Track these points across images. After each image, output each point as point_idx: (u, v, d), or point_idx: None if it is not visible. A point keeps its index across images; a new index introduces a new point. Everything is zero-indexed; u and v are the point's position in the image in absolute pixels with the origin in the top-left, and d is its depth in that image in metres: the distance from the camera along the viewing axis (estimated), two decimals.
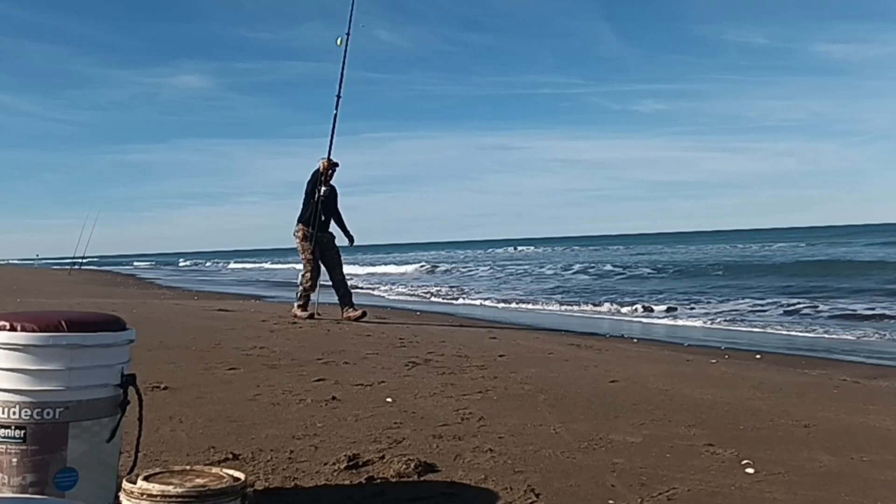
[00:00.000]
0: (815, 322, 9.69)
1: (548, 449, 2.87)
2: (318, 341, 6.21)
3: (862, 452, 2.90)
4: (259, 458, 2.66)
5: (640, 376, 4.73)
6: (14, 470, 1.75)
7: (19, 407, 1.76)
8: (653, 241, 65.38)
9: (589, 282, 19.78)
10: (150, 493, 1.73)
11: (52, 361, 1.78)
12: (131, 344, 1.97)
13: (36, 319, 1.81)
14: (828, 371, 5.52)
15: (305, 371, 4.57)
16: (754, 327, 9.27)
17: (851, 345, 7.56)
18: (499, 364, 5.09)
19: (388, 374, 4.56)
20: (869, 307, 10.83)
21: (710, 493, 2.41)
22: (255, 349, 5.46)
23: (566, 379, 4.57)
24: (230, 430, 3.06)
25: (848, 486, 2.50)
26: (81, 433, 1.80)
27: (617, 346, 6.93)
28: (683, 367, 5.35)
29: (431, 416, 3.40)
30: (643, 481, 2.50)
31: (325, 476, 2.49)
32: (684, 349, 6.92)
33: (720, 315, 10.60)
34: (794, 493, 2.42)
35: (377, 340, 6.35)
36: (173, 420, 3.20)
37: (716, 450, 2.90)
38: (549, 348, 6.20)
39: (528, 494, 2.35)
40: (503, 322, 9.87)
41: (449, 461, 2.68)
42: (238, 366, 4.68)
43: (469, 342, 6.45)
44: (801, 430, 3.27)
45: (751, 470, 2.64)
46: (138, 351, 2.03)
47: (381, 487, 2.40)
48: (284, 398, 3.73)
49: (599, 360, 5.52)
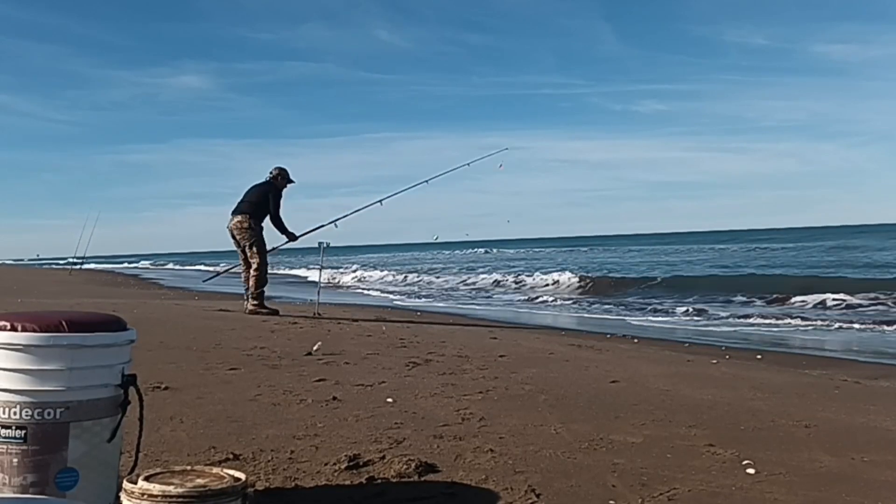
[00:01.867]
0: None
1: (548, 449, 2.87)
2: (319, 341, 6.21)
3: (863, 453, 2.90)
4: (260, 459, 2.66)
5: (641, 376, 4.73)
6: (15, 470, 1.75)
7: (20, 407, 1.75)
8: (654, 241, 65.17)
9: (466, 290, 19.13)
10: (150, 494, 1.73)
11: (52, 361, 1.78)
12: (132, 344, 1.96)
13: (37, 319, 1.81)
14: (828, 371, 5.52)
15: (306, 371, 4.57)
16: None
17: (851, 345, 7.56)
18: (499, 364, 5.09)
19: (389, 375, 4.56)
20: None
21: (711, 493, 2.41)
22: (256, 349, 5.46)
23: (567, 379, 4.57)
24: (231, 431, 3.06)
25: (849, 486, 2.50)
26: (82, 433, 1.80)
27: (617, 346, 6.93)
28: (684, 367, 5.35)
29: (432, 417, 3.40)
30: (644, 482, 2.50)
31: (325, 476, 2.49)
32: (685, 349, 6.92)
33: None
34: (795, 493, 2.42)
35: (377, 340, 6.35)
36: (174, 420, 3.20)
37: (716, 450, 2.90)
38: (549, 348, 6.20)
39: (529, 495, 2.35)
40: (504, 322, 9.88)
41: (450, 461, 2.68)
42: (239, 366, 4.68)
43: (469, 342, 6.45)
44: (801, 431, 3.27)
45: (751, 470, 2.64)
46: (139, 351, 2.03)
47: (382, 488, 2.40)
48: (285, 398, 3.73)
49: (600, 361, 5.52)
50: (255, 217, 8.62)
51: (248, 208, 8.66)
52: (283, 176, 8.85)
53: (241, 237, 8.61)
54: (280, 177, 8.83)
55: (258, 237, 8.62)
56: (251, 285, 8.58)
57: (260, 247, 8.60)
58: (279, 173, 8.83)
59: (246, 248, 8.62)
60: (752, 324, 9.70)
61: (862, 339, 8.19)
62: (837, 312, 10.84)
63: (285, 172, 8.87)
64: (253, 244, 8.56)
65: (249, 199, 8.73)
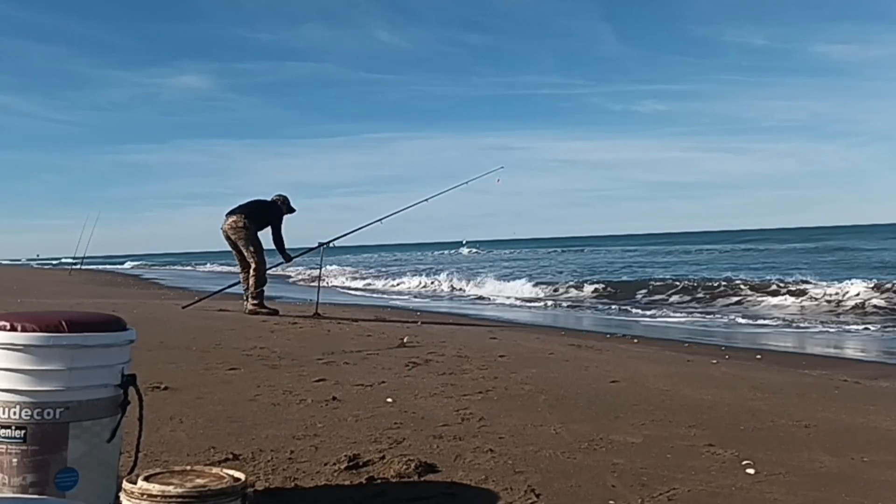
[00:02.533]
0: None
1: (548, 449, 2.87)
2: (319, 341, 6.22)
3: (863, 453, 2.90)
4: (259, 459, 2.66)
5: (641, 377, 4.73)
6: (14, 470, 1.75)
7: (20, 407, 1.75)
8: (653, 241, 65.08)
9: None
10: (150, 494, 1.73)
11: (52, 362, 1.78)
12: (132, 344, 1.96)
13: (36, 319, 1.81)
14: (828, 371, 5.52)
15: (306, 371, 4.57)
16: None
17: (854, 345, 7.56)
18: (499, 364, 5.09)
19: (389, 375, 4.55)
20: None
21: (711, 493, 2.41)
22: (256, 349, 5.46)
23: (567, 379, 4.57)
24: (230, 431, 3.06)
25: (848, 486, 2.50)
26: (82, 433, 1.80)
27: (617, 346, 6.93)
28: (684, 367, 5.35)
29: (432, 417, 3.40)
30: (644, 482, 2.50)
31: (325, 476, 2.49)
32: (685, 349, 6.92)
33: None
34: (795, 493, 2.42)
35: (377, 341, 6.35)
36: (174, 420, 3.20)
37: (716, 450, 2.90)
38: (549, 348, 6.20)
39: (529, 495, 2.35)
40: (505, 322, 9.88)
41: (449, 461, 2.68)
42: (238, 366, 4.68)
43: (469, 342, 6.45)
44: (801, 431, 3.27)
45: (751, 470, 2.64)
46: (138, 351, 2.03)
47: (382, 488, 2.40)
48: (285, 398, 3.73)
49: (600, 361, 5.52)
50: (250, 219, 8.63)
51: (244, 210, 8.68)
52: (285, 203, 8.93)
53: (237, 237, 8.60)
54: (283, 203, 8.91)
55: (254, 237, 8.62)
56: (250, 285, 8.59)
57: (257, 246, 8.60)
58: (283, 200, 8.92)
59: (242, 248, 8.61)
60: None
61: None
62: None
63: (288, 200, 8.96)
64: (249, 244, 8.57)
65: (248, 205, 8.77)
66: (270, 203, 8.88)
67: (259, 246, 8.63)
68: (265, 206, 8.81)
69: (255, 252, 8.55)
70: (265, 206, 8.81)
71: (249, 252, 8.56)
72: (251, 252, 8.55)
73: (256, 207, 8.74)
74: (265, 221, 8.72)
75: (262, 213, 8.72)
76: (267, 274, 8.73)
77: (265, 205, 8.84)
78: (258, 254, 8.58)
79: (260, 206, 8.78)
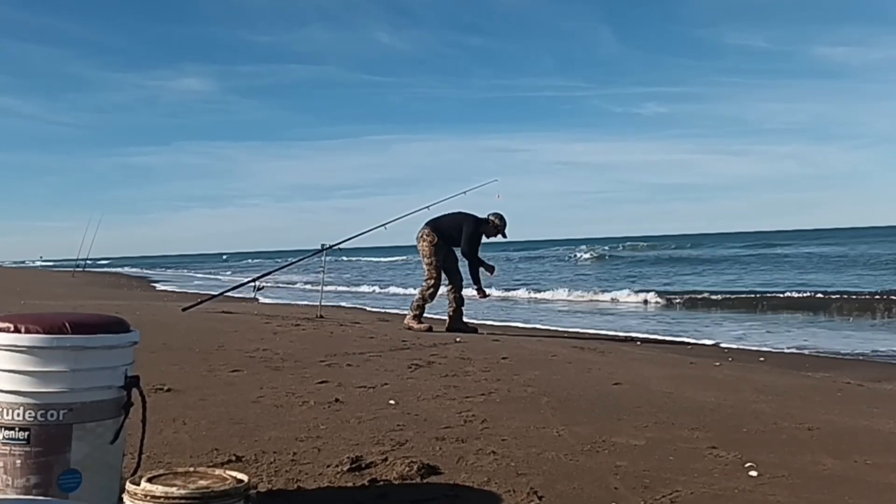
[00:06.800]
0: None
1: (551, 451, 2.87)
2: (322, 343, 6.22)
3: (866, 456, 2.90)
4: (262, 460, 2.66)
5: (644, 379, 4.73)
6: (18, 472, 1.75)
7: (23, 409, 1.76)
8: (652, 242, 64.90)
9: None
10: (153, 495, 1.73)
11: (55, 363, 1.78)
12: (135, 346, 1.97)
13: (40, 321, 1.81)
14: (832, 374, 5.51)
15: (308, 373, 4.57)
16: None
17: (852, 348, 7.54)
18: (502, 366, 5.09)
19: (391, 377, 4.56)
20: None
21: (714, 495, 2.41)
22: (259, 351, 5.47)
23: (569, 381, 4.57)
24: (233, 432, 3.06)
25: (851, 489, 2.49)
26: (85, 435, 1.80)
27: (620, 348, 6.92)
28: (687, 369, 5.34)
29: (434, 419, 3.40)
30: (646, 484, 2.50)
31: (328, 478, 2.49)
32: (688, 351, 6.91)
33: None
34: (798, 496, 2.41)
35: (380, 342, 6.35)
36: (177, 422, 3.21)
37: (719, 453, 2.89)
38: (551, 350, 6.20)
39: (531, 497, 2.35)
40: (506, 323, 9.87)
41: (452, 463, 2.68)
42: (241, 368, 4.69)
43: (472, 344, 6.45)
44: (804, 434, 3.26)
45: (754, 473, 2.64)
46: (142, 353, 2.03)
47: (384, 490, 2.40)
48: (288, 400, 3.74)
49: (602, 363, 5.51)
50: (438, 233, 8.11)
51: (435, 225, 8.19)
52: (497, 226, 8.18)
53: (421, 250, 8.18)
54: (495, 225, 8.17)
55: (436, 257, 8.08)
56: (416, 298, 8.16)
57: (437, 267, 8.07)
58: (500, 222, 8.19)
59: (423, 261, 8.19)
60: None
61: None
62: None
63: (504, 224, 8.20)
64: (429, 262, 8.10)
65: (443, 219, 8.26)
66: (473, 218, 8.21)
67: (438, 267, 8.10)
68: (458, 224, 8.16)
69: (431, 270, 8.10)
70: (458, 224, 8.16)
71: (426, 268, 8.16)
72: (428, 270, 8.13)
73: (450, 225, 8.18)
74: (453, 239, 8.16)
75: (450, 233, 8.13)
76: (431, 289, 8.15)
77: (459, 222, 8.17)
78: (437, 272, 8.09)
79: (453, 225, 8.18)
